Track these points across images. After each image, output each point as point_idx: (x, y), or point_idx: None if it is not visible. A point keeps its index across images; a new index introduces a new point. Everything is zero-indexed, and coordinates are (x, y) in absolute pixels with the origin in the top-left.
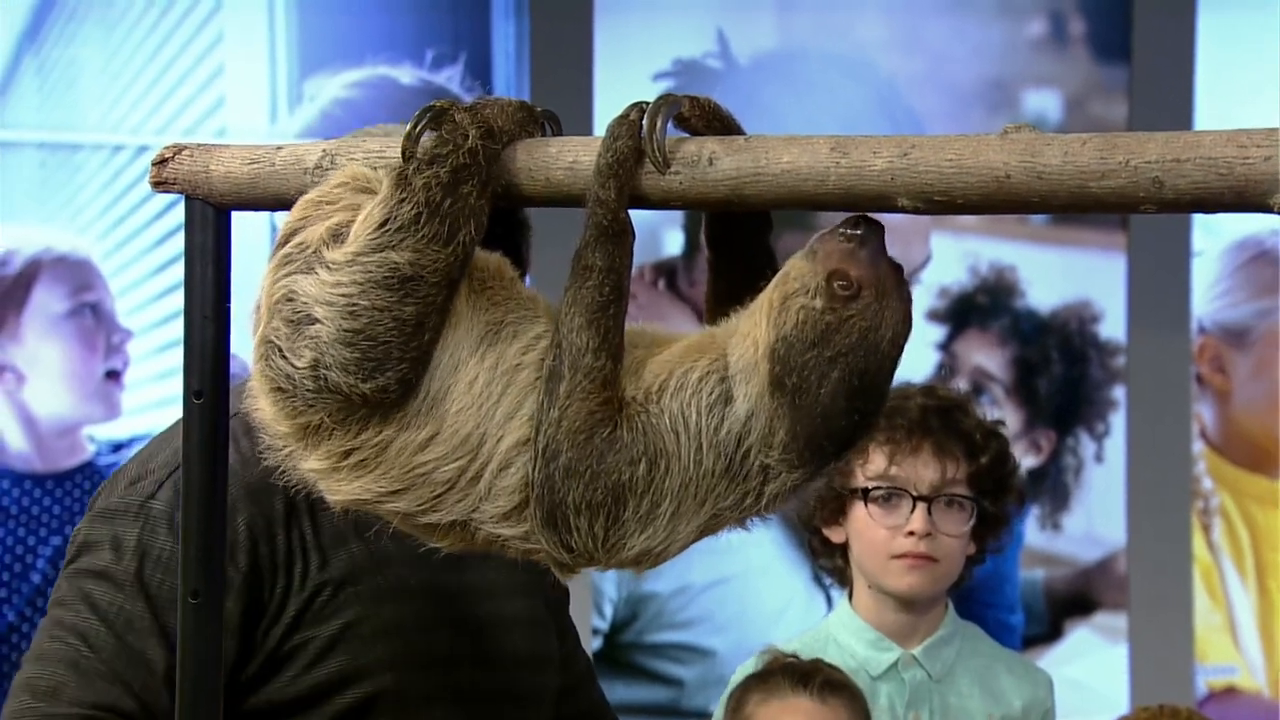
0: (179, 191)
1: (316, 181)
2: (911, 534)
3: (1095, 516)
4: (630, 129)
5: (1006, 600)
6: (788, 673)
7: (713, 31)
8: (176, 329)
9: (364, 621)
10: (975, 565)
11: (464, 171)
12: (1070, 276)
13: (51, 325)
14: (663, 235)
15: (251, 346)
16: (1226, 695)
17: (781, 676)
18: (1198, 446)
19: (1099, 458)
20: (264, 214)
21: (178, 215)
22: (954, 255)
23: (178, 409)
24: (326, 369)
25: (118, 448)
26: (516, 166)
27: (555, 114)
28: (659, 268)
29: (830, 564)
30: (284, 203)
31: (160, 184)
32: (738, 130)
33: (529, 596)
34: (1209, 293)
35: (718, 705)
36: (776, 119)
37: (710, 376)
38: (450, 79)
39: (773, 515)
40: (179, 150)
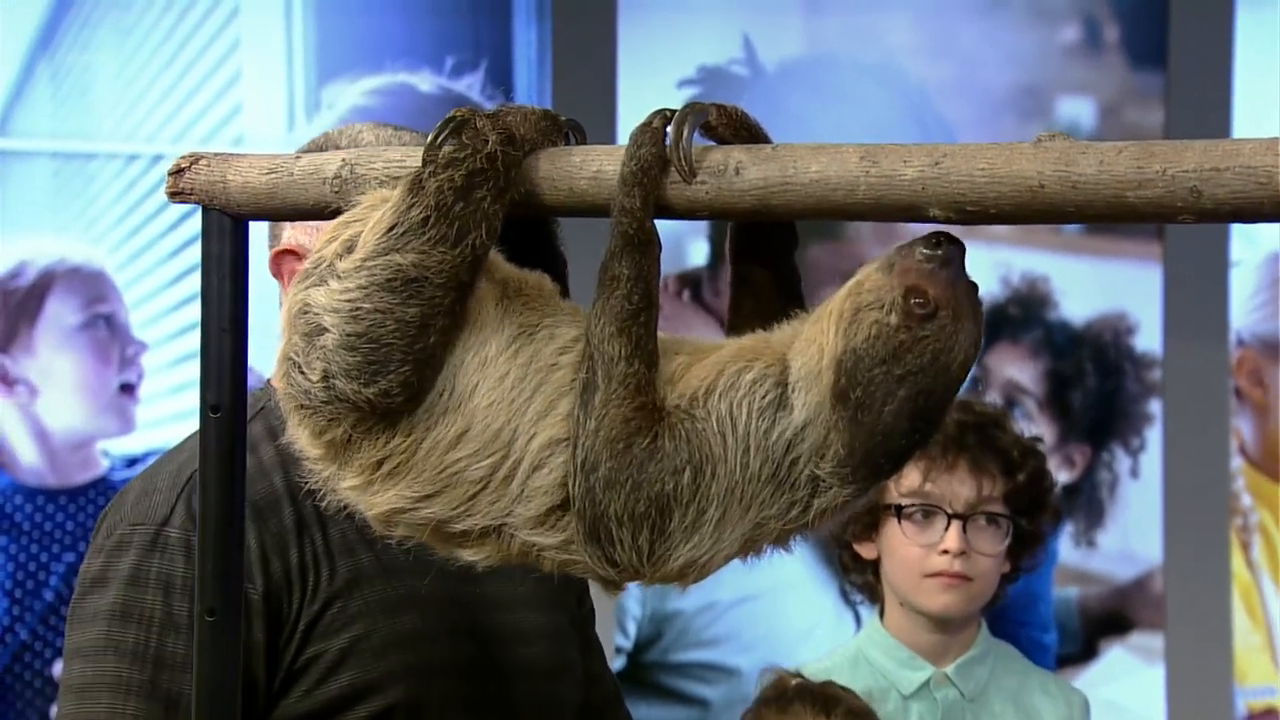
0: (195, 201)
1: (336, 191)
2: (946, 552)
3: (1131, 533)
4: (655, 137)
5: (1040, 619)
6: (805, 698)
7: (738, 37)
8: (192, 341)
9: (374, 634)
10: (1010, 584)
11: (479, 176)
12: (1105, 287)
13: (65, 337)
14: (687, 246)
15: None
16: (1267, 717)
17: (800, 704)
18: (1236, 462)
19: (1135, 473)
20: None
21: (194, 226)
22: (985, 265)
23: (193, 423)
24: (334, 377)
25: (132, 462)
26: (539, 176)
27: (579, 124)
28: (684, 279)
29: (861, 580)
30: (302, 213)
31: (176, 194)
32: (765, 139)
33: (550, 609)
34: (1248, 304)
35: None
36: (804, 127)
37: (766, 379)
38: (470, 86)
39: (818, 531)
40: (195, 159)
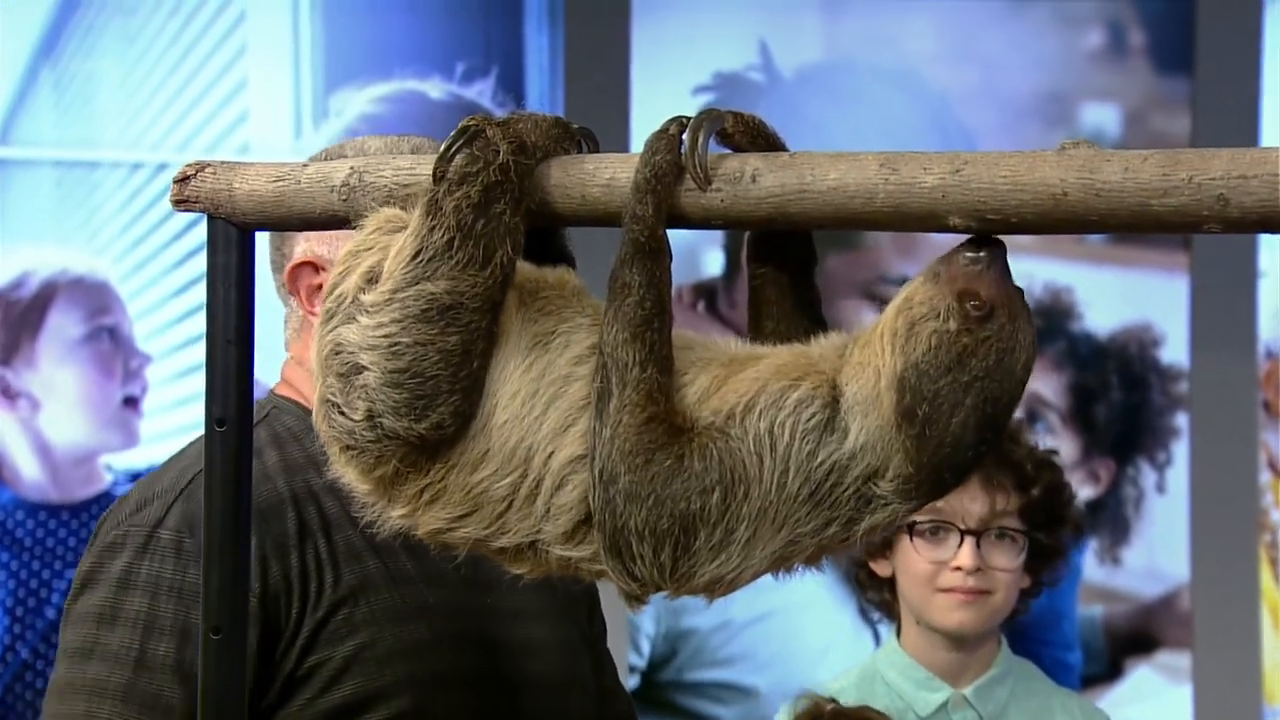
0: (201, 210)
1: (344, 199)
2: (959, 569)
3: (1157, 550)
4: (670, 144)
5: (1064, 637)
6: None
7: (755, 43)
8: (197, 354)
9: (379, 642)
10: (1030, 598)
11: (495, 190)
12: (1130, 298)
13: (68, 350)
14: (702, 255)
15: (315, 409)
16: None
17: None
18: (1265, 476)
19: (1161, 488)
20: None
21: (199, 236)
22: None
23: (198, 437)
24: (380, 416)
25: (136, 477)
26: (551, 184)
27: (592, 131)
28: (698, 289)
29: (878, 598)
30: (310, 222)
31: (181, 203)
32: (782, 148)
33: (561, 621)
34: (1276, 315)
35: None
36: (822, 134)
37: (813, 400)
38: (481, 93)
39: (865, 545)
40: (201, 168)
